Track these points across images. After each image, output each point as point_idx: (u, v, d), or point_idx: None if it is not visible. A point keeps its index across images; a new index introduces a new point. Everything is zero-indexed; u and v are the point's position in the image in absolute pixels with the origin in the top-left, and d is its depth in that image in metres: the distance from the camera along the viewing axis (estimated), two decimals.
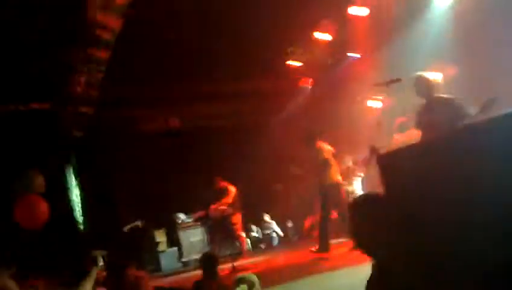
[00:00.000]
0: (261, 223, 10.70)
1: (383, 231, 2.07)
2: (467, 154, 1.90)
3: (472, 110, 4.18)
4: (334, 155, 6.96)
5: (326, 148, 6.92)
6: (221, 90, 10.24)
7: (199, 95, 10.12)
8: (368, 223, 2.12)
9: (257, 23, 7.81)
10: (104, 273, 5.30)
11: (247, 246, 9.37)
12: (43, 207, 5.57)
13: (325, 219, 6.78)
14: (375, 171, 3.09)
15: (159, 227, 9.30)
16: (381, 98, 7.89)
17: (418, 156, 2.18)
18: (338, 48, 9.42)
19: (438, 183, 2.04)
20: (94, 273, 3.45)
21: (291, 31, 8.64)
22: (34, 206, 5.50)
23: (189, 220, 9.39)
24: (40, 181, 5.23)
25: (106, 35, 5.78)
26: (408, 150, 2.30)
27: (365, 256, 2.25)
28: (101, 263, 3.64)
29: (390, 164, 2.35)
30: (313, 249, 6.76)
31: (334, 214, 7.68)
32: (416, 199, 2.16)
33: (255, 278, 3.67)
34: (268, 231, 10.43)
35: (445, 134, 2.40)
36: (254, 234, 10.35)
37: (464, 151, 1.93)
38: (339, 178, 6.86)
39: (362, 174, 8.85)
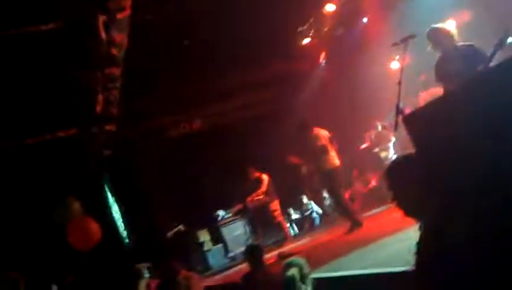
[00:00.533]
0: (300, 206, 10.73)
1: (422, 190, 2.06)
2: (486, 99, 1.88)
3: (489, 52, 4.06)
4: (331, 140, 6.99)
5: (323, 134, 6.95)
6: (238, 83, 10.27)
7: (217, 92, 10.20)
8: (407, 185, 2.10)
9: (264, 8, 7.77)
10: (157, 282, 5.45)
11: (289, 231, 9.44)
12: (95, 227, 5.75)
13: (339, 201, 6.86)
14: (404, 132, 3.06)
15: (201, 227, 9.46)
16: (397, 57, 7.74)
17: (441, 109, 2.16)
18: (346, 15, 9.27)
19: (464, 133, 2.01)
20: (142, 286, 3.55)
21: (299, 9, 8.57)
22: (87, 228, 5.68)
23: (229, 215, 9.51)
24: (77, 207, 5.41)
25: (115, 52, 5.87)
26: (430, 106, 2.27)
27: (409, 220, 2.24)
28: (146, 274, 3.73)
29: (416, 123, 2.33)
30: (347, 231, 6.72)
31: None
32: (447, 153, 2.13)
33: (302, 261, 3.69)
34: (308, 212, 10.45)
35: (463, 83, 2.36)
36: (294, 216, 10.38)
37: (483, 96, 1.91)
38: (338, 162, 6.89)
39: (394, 138, 8.73)
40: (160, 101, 9.36)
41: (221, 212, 9.61)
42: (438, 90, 5.26)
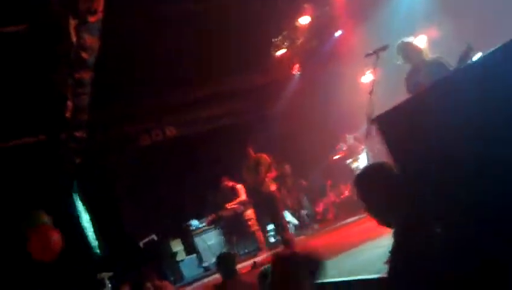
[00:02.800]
0: None
1: (393, 196, 2.01)
2: (459, 97, 1.91)
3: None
4: (271, 166, 7.21)
5: (264, 159, 7.14)
6: (213, 91, 10.13)
7: (191, 100, 10.01)
8: (377, 192, 2.06)
9: (239, 18, 7.71)
10: None
11: (267, 239, 9.30)
12: (56, 237, 5.46)
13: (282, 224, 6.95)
14: (377, 143, 3.03)
15: (174, 237, 9.21)
16: (369, 71, 7.79)
17: (413, 109, 2.16)
18: (320, 28, 9.32)
19: (436, 133, 1.99)
20: None
21: (272, 21, 8.56)
22: (47, 237, 5.38)
23: (203, 225, 9.31)
24: (46, 220, 5.11)
25: (86, 56, 5.65)
26: (404, 106, 2.22)
27: (383, 228, 2.16)
28: (109, 284, 3.52)
29: (388, 122, 2.28)
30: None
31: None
32: (419, 155, 2.08)
33: None
34: None
35: (434, 82, 2.40)
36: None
37: (455, 95, 1.94)
38: (274, 186, 7.12)
39: (365, 149, 8.77)
40: (133, 107, 9.14)
41: (194, 222, 9.40)
42: None
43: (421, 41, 5.15)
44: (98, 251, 8.53)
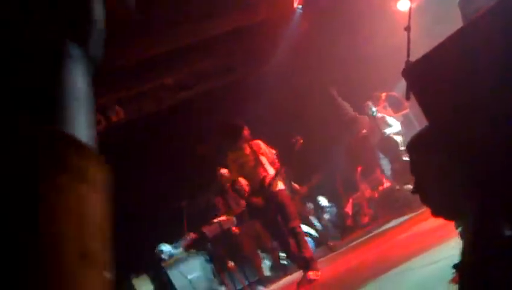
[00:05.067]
0: None
1: (454, 173, 2.01)
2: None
3: None
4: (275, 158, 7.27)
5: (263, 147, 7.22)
6: (180, 45, 10.10)
7: (149, 59, 9.96)
8: (433, 168, 2.10)
9: None
10: None
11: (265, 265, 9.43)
12: None
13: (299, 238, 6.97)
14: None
15: (138, 273, 9.29)
16: None
17: (462, 49, 2.17)
18: None
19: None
20: None
21: None
22: None
23: (178, 250, 9.38)
24: None
25: None
26: (447, 45, 2.22)
27: (443, 230, 2.21)
28: None
29: (422, 75, 2.32)
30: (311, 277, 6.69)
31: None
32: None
33: None
34: None
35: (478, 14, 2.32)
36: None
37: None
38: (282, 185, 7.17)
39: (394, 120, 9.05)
40: None
41: (166, 248, 9.48)
42: None
43: None
44: None
